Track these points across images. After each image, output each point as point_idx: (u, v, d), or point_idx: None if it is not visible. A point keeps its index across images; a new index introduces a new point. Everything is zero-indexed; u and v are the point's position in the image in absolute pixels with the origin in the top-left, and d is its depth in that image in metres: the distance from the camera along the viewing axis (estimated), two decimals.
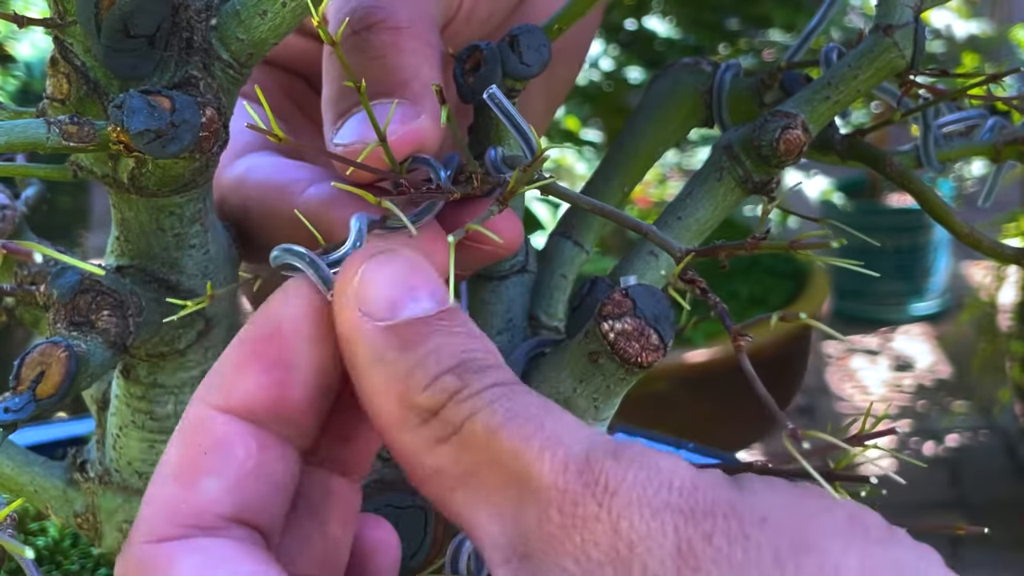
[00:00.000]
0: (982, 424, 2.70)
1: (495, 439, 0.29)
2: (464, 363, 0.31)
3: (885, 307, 3.23)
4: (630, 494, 0.28)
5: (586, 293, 0.45)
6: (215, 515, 0.32)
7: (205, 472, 0.32)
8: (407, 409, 0.30)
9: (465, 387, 0.30)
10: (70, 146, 0.33)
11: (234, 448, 0.32)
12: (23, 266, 0.48)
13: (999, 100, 0.46)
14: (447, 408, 0.30)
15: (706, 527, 0.27)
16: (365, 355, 0.31)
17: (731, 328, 0.32)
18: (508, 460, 0.29)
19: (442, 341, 0.31)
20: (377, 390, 0.31)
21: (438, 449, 0.30)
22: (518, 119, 0.39)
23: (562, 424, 0.30)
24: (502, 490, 0.29)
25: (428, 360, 0.31)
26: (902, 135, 2.75)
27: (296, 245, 0.34)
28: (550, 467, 0.29)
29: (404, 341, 0.31)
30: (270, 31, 0.36)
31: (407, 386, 0.30)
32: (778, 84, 0.48)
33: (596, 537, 0.28)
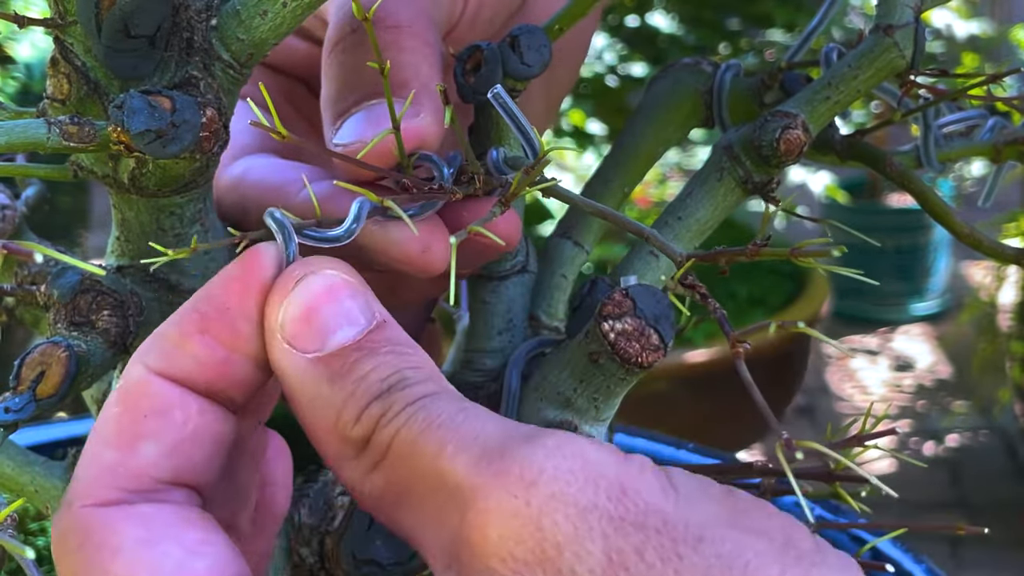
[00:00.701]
0: (982, 424, 2.70)
1: (415, 451, 0.29)
2: (391, 387, 0.31)
3: (885, 307, 3.23)
4: (551, 487, 0.27)
5: (586, 293, 0.45)
6: (153, 478, 0.32)
7: (144, 436, 0.32)
8: (343, 443, 0.31)
9: (388, 410, 0.30)
10: (70, 146, 0.33)
11: (173, 413, 0.33)
12: (23, 266, 0.48)
13: (999, 100, 0.46)
14: (375, 435, 0.30)
15: (637, 540, 0.26)
16: (299, 390, 0.32)
17: (730, 334, 0.32)
18: (429, 468, 0.29)
19: (369, 367, 0.31)
20: (315, 426, 0.32)
21: (373, 476, 0.30)
22: (521, 119, 0.39)
23: (479, 422, 0.29)
24: (431, 499, 0.29)
25: (357, 391, 0.31)
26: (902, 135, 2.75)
27: (285, 213, 0.34)
28: (463, 464, 0.28)
29: (333, 373, 0.31)
30: (270, 31, 0.36)
31: (340, 422, 0.31)
32: (778, 84, 0.48)
33: (519, 534, 0.27)
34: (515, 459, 0.28)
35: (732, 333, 0.32)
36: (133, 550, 0.30)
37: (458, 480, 0.28)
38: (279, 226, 0.34)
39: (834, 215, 2.52)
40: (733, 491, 0.29)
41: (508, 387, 0.44)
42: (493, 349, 0.46)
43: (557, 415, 0.42)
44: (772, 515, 0.28)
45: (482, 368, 0.46)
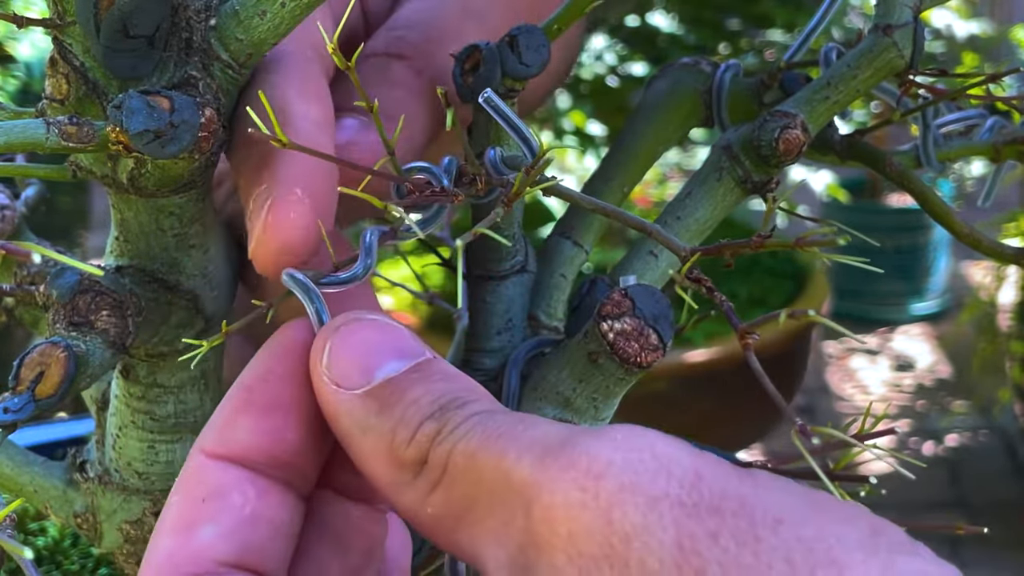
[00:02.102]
0: (982, 424, 2.70)
1: (476, 464, 0.28)
2: (443, 406, 0.30)
3: (885, 307, 3.23)
4: (620, 479, 0.26)
5: (585, 293, 0.45)
6: (214, 561, 0.32)
7: (202, 520, 0.32)
8: (398, 468, 0.30)
9: (443, 427, 0.29)
10: (69, 146, 0.33)
11: (231, 495, 0.32)
12: (23, 266, 0.48)
13: (999, 100, 0.46)
14: (432, 453, 0.29)
15: (711, 524, 0.25)
16: (349, 426, 0.31)
17: (738, 326, 0.32)
18: (492, 480, 0.28)
19: (419, 392, 0.31)
20: (367, 457, 0.31)
21: (433, 496, 0.29)
22: (516, 121, 0.39)
23: (539, 428, 0.28)
24: (496, 511, 0.28)
25: (408, 414, 0.30)
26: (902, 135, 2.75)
27: (300, 271, 0.34)
28: (528, 463, 0.27)
29: (382, 403, 0.31)
30: (269, 31, 0.36)
31: (393, 445, 0.30)
32: (778, 84, 0.48)
33: (587, 528, 0.25)
34: (581, 452, 0.26)
35: (740, 325, 0.32)
36: None
37: (523, 479, 0.27)
38: (300, 285, 0.34)
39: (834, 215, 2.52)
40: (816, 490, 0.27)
41: (507, 387, 0.44)
42: (492, 349, 0.46)
43: (556, 415, 0.42)
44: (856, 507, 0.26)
45: (481, 368, 0.46)
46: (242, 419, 0.33)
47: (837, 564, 0.24)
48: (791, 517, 0.25)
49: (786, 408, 0.29)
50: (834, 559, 0.24)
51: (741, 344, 0.32)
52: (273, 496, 0.33)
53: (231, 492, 0.32)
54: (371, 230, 0.36)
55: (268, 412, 0.33)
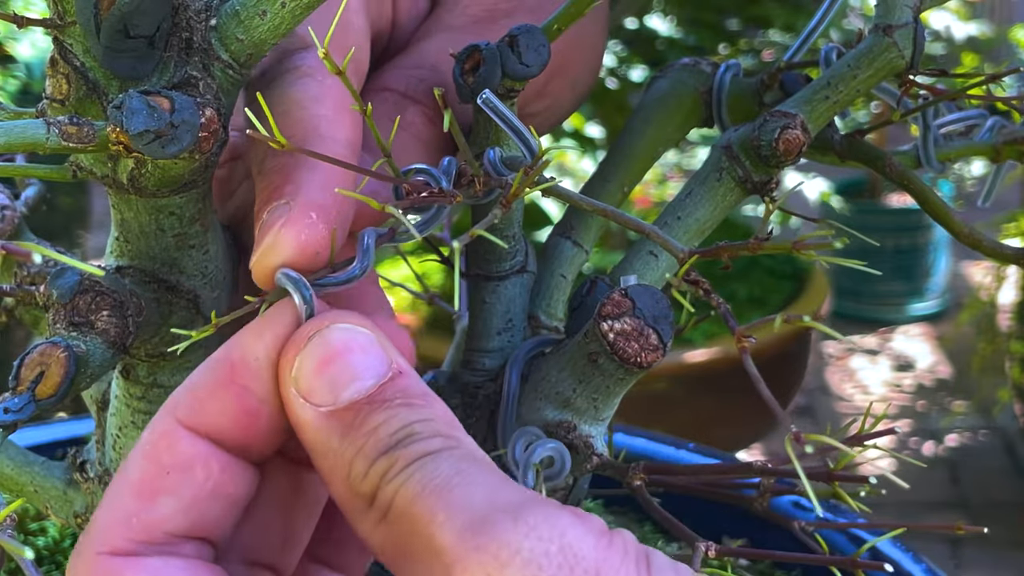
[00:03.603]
0: (982, 424, 2.70)
1: (410, 512, 0.30)
2: (399, 441, 0.31)
3: (885, 307, 3.23)
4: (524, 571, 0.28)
5: (586, 293, 0.45)
6: (167, 532, 0.33)
7: (164, 491, 0.33)
8: (355, 497, 0.32)
9: (392, 467, 0.31)
10: (70, 147, 0.33)
11: (195, 469, 0.33)
12: (23, 266, 0.48)
13: (999, 100, 0.46)
14: (379, 491, 0.31)
15: None
16: (313, 442, 0.32)
17: (735, 329, 0.32)
18: (422, 531, 0.29)
19: (380, 420, 0.32)
20: (330, 478, 0.32)
21: (379, 530, 0.31)
22: (514, 121, 0.39)
23: (471, 488, 0.30)
24: (422, 564, 0.30)
25: (366, 446, 0.31)
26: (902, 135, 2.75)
27: (293, 271, 0.34)
28: (449, 533, 0.29)
29: (345, 426, 0.32)
30: (269, 32, 0.36)
31: (352, 476, 0.31)
32: (778, 84, 0.48)
33: None
34: (494, 536, 0.28)
35: (738, 328, 0.32)
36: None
37: (444, 548, 0.29)
38: (293, 283, 0.34)
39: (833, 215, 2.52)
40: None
41: (507, 387, 0.44)
42: (492, 349, 0.46)
43: (556, 415, 0.42)
44: None
45: (481, 368, 0.46)
46: (220, 397, 0.33)
47: None
48: None
49: (781, 413, 0.29)
50: None
51: (738, 347, 0.32)
52: (234, 471, 0.34)
53: (196, 466, 0.33)
54: (369, 231, 0.36)
55: (245, 397, 0.33)
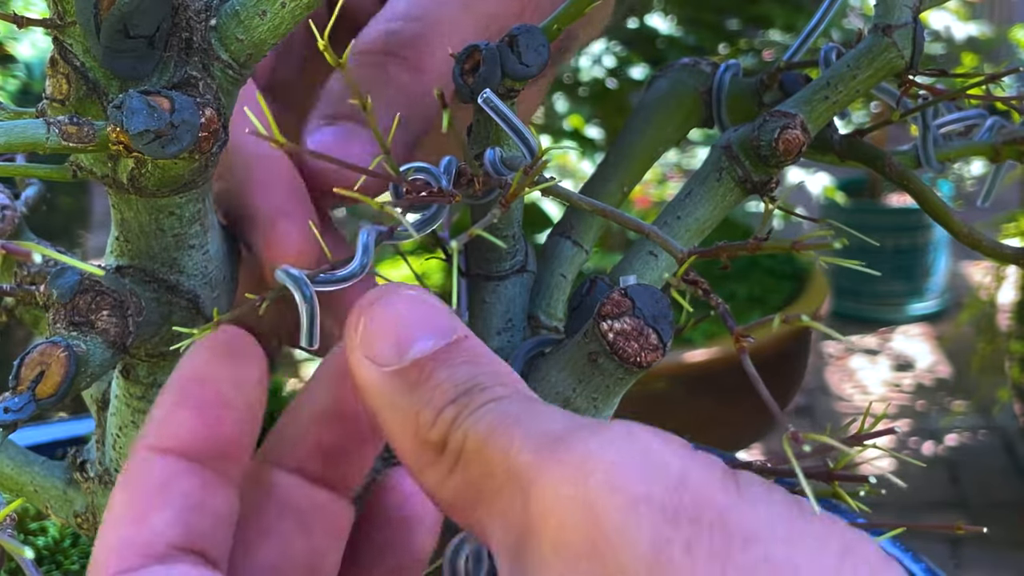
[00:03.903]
0: (981, 424, 2.70)
1: (485, 450, 0.30)
2: (466, 391, 0.31)
3: (884, 307, 3.23)
4: (608, 477, 0.27)
5: (585, 293, 0.45)
6: (166, 544, 0.33)
7: (153, 509, 0.33)
8: (422, 449, 0.31)
9: (462, 412, 0.31)
10: (70, 146, 0.33)
11: (177, 486, 0.33)
12: (23, 266, 0.48)
13: (998, 100, 0.46)
14: (450, 437, 0.31)
15: (688, 533, 0.26)
16: (379, 402, 0.32)
17: (734, 329, 0.32)
18: (499, 463, 0.29)
19: (446, 375, 0.32)
20: (395, 434, 0.32)
21: (450, 479, 0.31)
22: (515, 122, 0.39)
23: (545, 416, 0.30)
24: (501, 496, 0.29)
25: (434, 396, 0.31)
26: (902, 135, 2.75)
27: (294, 267, 0.34)
28: (528, 454, 0.28)
29: (410, 383, 0.32)
30: (269, 32, 0.36)
31: (418, 426, 0.31)
32: (777, 84, 0.48)
33: (571, 522, 0.27)
34: (576, 447, 0.28)
35: (736, 328, 0.32)
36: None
37: (521, 469, 0.28)
38: (294, 281, 0.34)
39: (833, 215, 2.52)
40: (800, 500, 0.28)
41: None
42: (492, 348, 0.45)
43: None
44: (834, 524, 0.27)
45: None
46: (180, 413, 0.34)
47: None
48: (765, 534, 0.26)
49: (779, 413, 0.29)
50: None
51: (736, 347, 0.32)
52: (214, 487, 0.34)
53: (177, 482, 0.34)
54: (368, 229, 0.36)
55: (204, 407, 0.34)
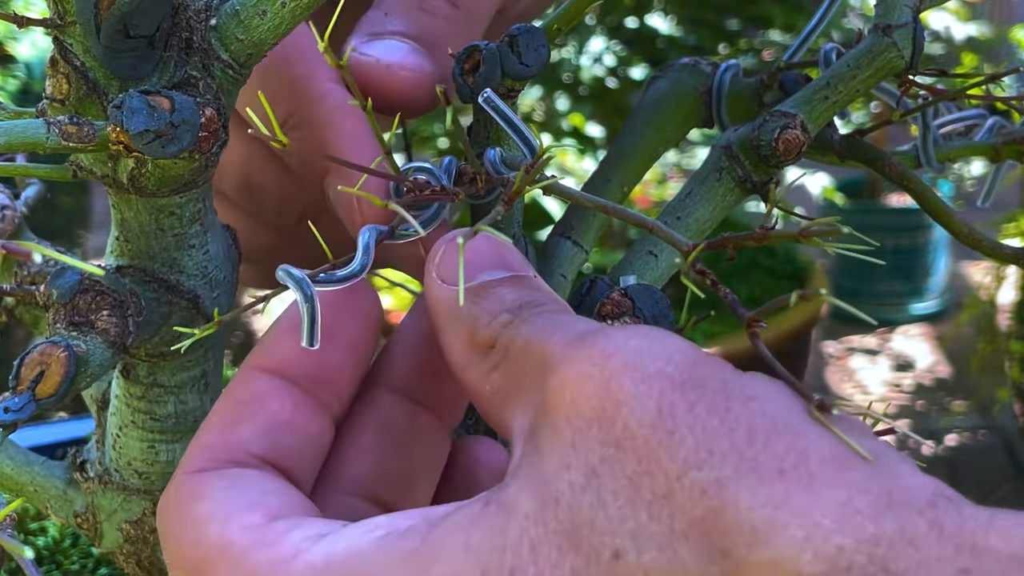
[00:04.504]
0: (981, 424, 2.70)
1: (528, 348, 0.31)
2: (524, 304, 0.33)
3: (885, 307, 3.24)
4: (627, 358, 0.28)
5: (585, 293, 0.45)
6: (248, 452, 0.35)
7: (241, 419, 0.35)
8: (471, 347, 0.33)
9: (516, 317, 0.33)
10: (70, 146, 0.33)
11: (269, 400, 0.36)
12: (23, 266, 0.48)
13: (998, 100, 0.46)
14: (500, 337, 0.33)
15: (692, 396, 0.28)
16: (444, 315, 0.34)
17: (744, 315, 0.32)
18: (536, 359, 0.31)
19: (507, 292, 0.34)
20: (451, 342, 0.34)
21: (493, 375, 0.33)
22: (516, 121, 0.39)
23: (586, 322, 0.32)
24: (530, 387, 0.31)
25: (491, 303, 0.33)
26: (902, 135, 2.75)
27: (294, 268, 0.35)
28: (561, 344, 0.30)
29: (475, 296, 0.34)
30: (269, 32, 0.36)
31: (472, 328, 0.33)
32: (777, 84, 0.48)
33: (586, 394, 0.28)
34: (603, 337, 0.29)
35: (747, 314, 0.32)
36: (216, 494, 0.34)
37: (551, 356, 0.30)
38: (294, 281, 0.35)
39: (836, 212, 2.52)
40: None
41: None
42: None
43: None
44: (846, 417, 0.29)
45: None
46: (289, 338, 0.36)
47: (794, 432, 0.27)
48: (765, 395, 0.28)
49: (799, 385, 0.29)
50: (789, 429, 0.27)
51: (748, 333, 0.32)
52: (308, 408, 0.36)
53: (270, 398, 0.36)
54: (368, 229, 0.36)
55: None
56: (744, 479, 0.26)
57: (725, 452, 0.27)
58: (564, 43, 2.12)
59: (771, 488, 0.26)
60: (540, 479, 0.28)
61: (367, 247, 0.36)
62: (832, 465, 0.26)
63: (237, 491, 0.34)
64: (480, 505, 0.29)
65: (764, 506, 0.26)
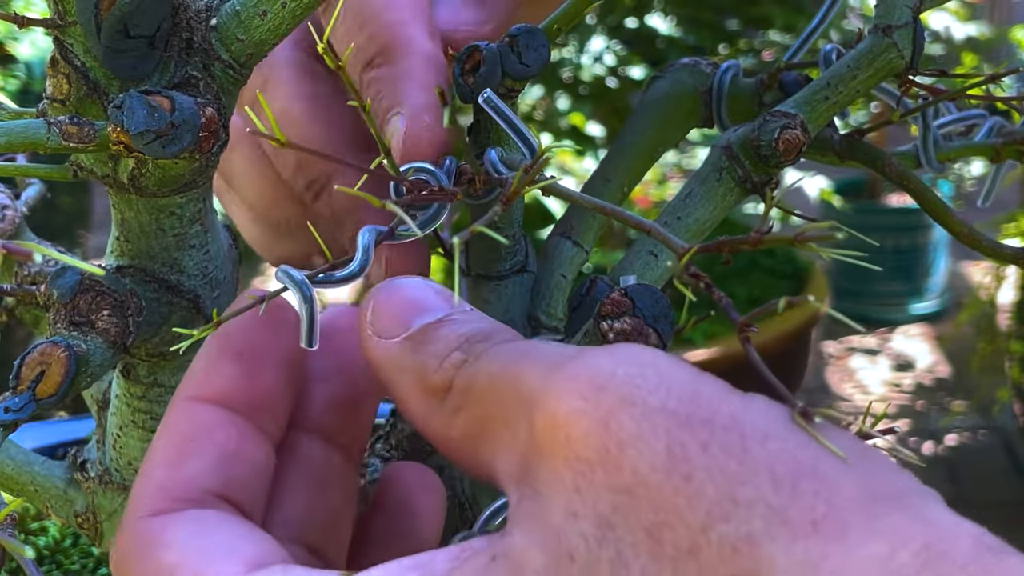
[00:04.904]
0: (981, 424, 2.70)
1: (495, 384, 0.30)
2: (470, 339, 0.32)
3: (884, 307, 3.23)
4: (620, 390, 0.27)
5: (585, 293, 0.45)
6: (202, 489, 0.33)
7: (190, 455, 0.34)
8: (426, 395, 0.32)
9: (469, 355, 0.31)
10: (70, 146, 0.33)
11: (215, 433, 0.34)
12: (23, 266, 0.48)
13: (998, 100, 0.46)
14: (456, 378, 0.31)
15: (703, 435, 0.26)
16: (389, 370, 0.33)
17: (737, 320, 0.32)
18: (508, 393, 0.29)
19: (449, 330, 0.32)
20: (403, 393, 0.33)
21: (457, 419, 0.31)
22: (516, 121, 0.39)
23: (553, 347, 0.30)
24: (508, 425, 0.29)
25: (438, 348, 0.32)
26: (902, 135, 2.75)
27: (293, 269, 0.35)
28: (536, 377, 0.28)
29: (416, 344, 0.33)
30: (270, 32, 0.36)
31: (422, 375, 0.32)
32: (777, 84, 0.48)
33: (584, 434, 0.26)
34: (585, 364, 0.28)
35: (740, 319, 0.32)
36: (184, 542, 0.32)
37: (530, 391, 0.28)
38: (293, 281, 0.35)
39: (833, 215, 2.53)
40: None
41: None
42: None
43: None
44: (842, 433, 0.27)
45: None
46: (220, 364, 0.35)
47: (818, 475, 0.25)
48: (779, 434, 0.26)
49: (787, 395, 0.28)
50: (814, 471, 0.25)
51: (740, 338, 0.32)
52: (251, 438, 0.35)
53: (215, 430, 0.34)
54: (368, 229, 0.36)
55: (242, 358, 0.35)
56: (777, 535, 0.24)
57: (751, 502, 0.25)
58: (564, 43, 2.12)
59: (807, 544, 0.24)
60: (547, 529, 0.26)
61: (366, 248, 0.36)
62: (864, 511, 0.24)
63: (206, 537, 0.32)
64: (485, 560, 0.28)
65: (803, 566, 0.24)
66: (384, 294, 0.34)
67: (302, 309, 0.35)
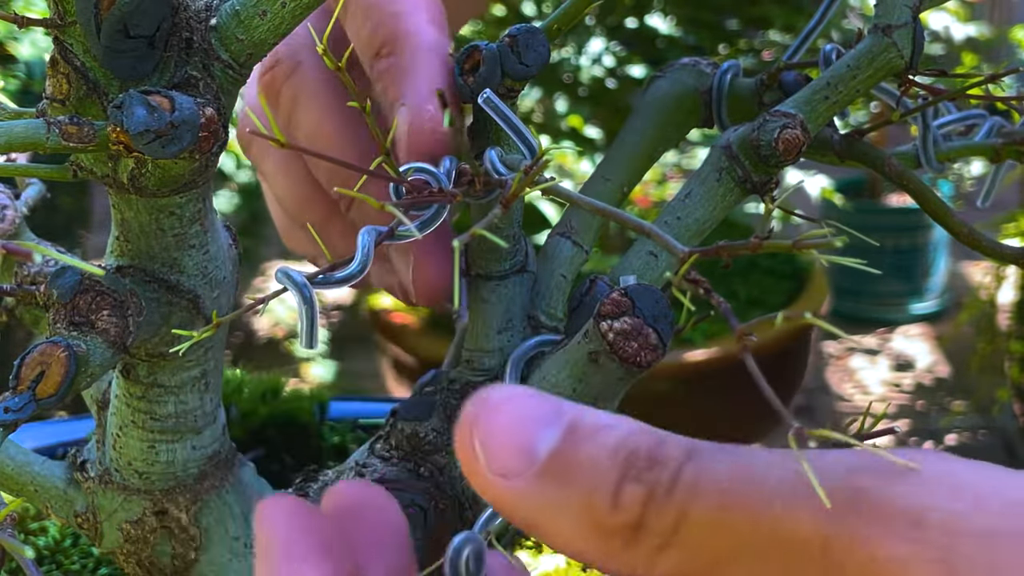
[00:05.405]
0: (981, 424, 2.70)
1: (725, 521, 0.27)
2: (628, 462, 0.28)
3: (884, 307, 3.23)
4: (945, 524, 0.25)
5: (585, 293, 0.45)
6: None
7: None
8: (607, 537, 0.28)
9: (654, 487, 0.28)
10: (70, 146, 0.33)
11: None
12: (23, 266, 0.48)
13: (998, 100, 0.46)
14: (650, 516, 0.28)
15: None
16: (533, 513, 0.29)
17: (736, 327, 0.32)
18: (751, 533, 0.27)
19: (592, 453, 0.29)
20: (569, 536, 0.29)
21: (662, 557, 0.28)
22: (516, 122, 0.39)
23: (778, 469, 0.27)
24: (767, 563, 0.27)
25: (595, 480, 0.28)
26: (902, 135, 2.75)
27: (294, 270, 0.35)
28: (810, 519, 0.26)
29: (558, 477, 0.29)
30: (269, 32, 0.36)
31: (593, 515, 0.28)
32: (777, 84, 0.48)
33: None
34: (882, 500, 0.26)
35: (738, 327, 0.32)
36: None
37: (812, 533, 0.26)
38: (293, 283, 0.35)
39: (833, 214, 2.52)
40: None
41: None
42: (492, 348, 0.46)
43: None
44: None
45: (481, 367, 0.46)
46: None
47: None
48: None
49: (784, 411, 0.28)
50: None
51: (738, 346, 0.32)
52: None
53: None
54: (368, 230, 0.36)
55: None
56: None
57: None
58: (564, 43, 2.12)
59: None
60: None
61: (366, 248, 0.36)
62: None
63: None
64: None
65: None
66: (486, 423, 0.30)
67: (301, 310, 0.34)
